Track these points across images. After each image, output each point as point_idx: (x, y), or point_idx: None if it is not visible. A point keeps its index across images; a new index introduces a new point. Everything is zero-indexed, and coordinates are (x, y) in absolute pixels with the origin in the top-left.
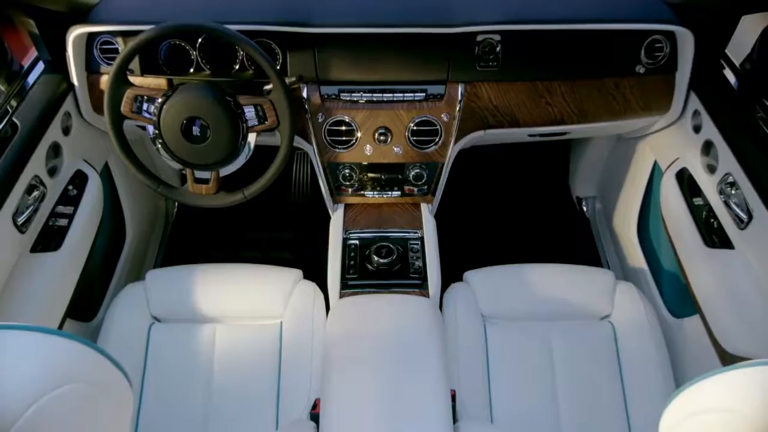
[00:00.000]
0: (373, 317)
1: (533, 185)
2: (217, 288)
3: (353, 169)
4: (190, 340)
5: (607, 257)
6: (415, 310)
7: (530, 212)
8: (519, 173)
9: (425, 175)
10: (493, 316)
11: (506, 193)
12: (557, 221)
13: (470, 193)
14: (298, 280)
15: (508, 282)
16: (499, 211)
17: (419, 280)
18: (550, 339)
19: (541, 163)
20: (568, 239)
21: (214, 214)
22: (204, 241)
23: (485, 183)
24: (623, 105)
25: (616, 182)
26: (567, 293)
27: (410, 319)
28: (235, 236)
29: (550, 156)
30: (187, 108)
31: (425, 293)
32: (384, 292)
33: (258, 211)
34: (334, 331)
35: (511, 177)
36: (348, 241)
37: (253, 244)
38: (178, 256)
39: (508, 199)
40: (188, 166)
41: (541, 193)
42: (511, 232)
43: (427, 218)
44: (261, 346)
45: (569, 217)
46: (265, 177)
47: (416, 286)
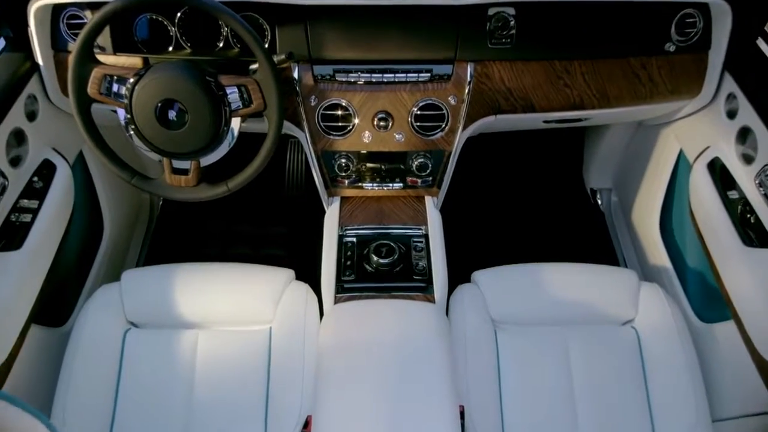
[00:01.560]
0: (372, 326)
1: (544, 176)
2: (200, 290)
3: (350, 158)
4: (169, 347)
5: (624, 255)
6: (420, 318)
7: (541, 205)
8: (528, 163)
9: (430, 165)
10: (504, 320)
11: (515, 184)
12: (569, 215)
13: (476, 185)
14: (289, 281)
15: (520, 283)
16: (508, 204)
17: (423, 283)
18: (567, 346)
19: (552, 152)
20: (580, 234)
21: (202, 208)
22: (191, 237)
23: (491, 173)
24: (649, 88)
25: (636, 173)
26: (586, 295)
27: (414, 329)
28: (224, 231)
29: (562, 144)
30: (162, 89)
31: (430, 297)
32: (384, 297)
33: (249, 204)
34: (328, 341)
35: (519, 167)
36: (344, 238)
37: (243, 240)
38: (162, 253)
39: (516, 191)
40: (165, 155)
41: (553, 184)
42: (521, 227)
43: (432, 213)
44: (248, 355)
45: (582, 210)
46: (250, 168)
47: (420, 289)
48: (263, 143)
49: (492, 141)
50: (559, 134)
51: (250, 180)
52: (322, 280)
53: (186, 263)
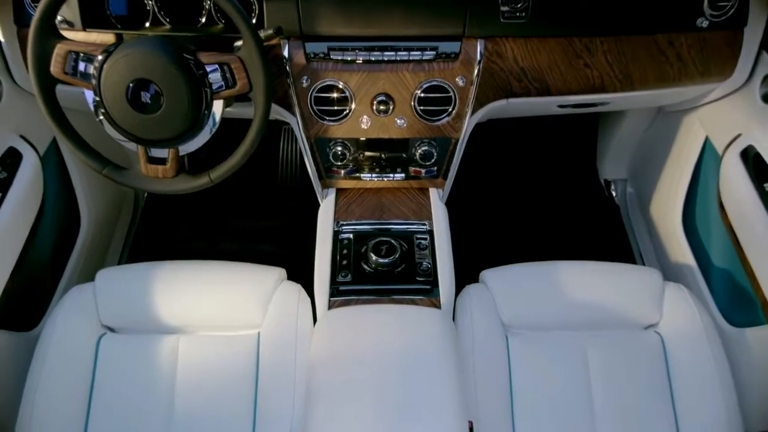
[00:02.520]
0: (370, 335)
1: (555, 166)
2: (182, 291)
3: (346, 146)
4: (147, 354)
5: (641, 251)
6: (424, 326)
7: (552, 198)
8: (537, 152)
9: (435, 154)
10: (515, 325)
11: (523, 174)
12: (581, 208)
13: (480, 175)
14: (279, 281)
15: (533, 283)
16: (516, 196)
17: (428, 285)
18: (585, 353)
19: (563, 140)
20: (593, 229)
21: (190, 201)
22: (178, 232)
23: (497, 163)
24: (678, 68)
25: (654, 163)
26: (605, 297)
27: (417, 339)
28: (214, 225)
29: (573, 132)
30: (133, 68)
31: (435, 302)
32: (384, 301)
33: (240, 197)
34: (320, 353)
35: (527, 156)
36: (340, 234)
37: (233, 235)
38: (146, 250)
39: (525, 181)
40: (139, 143)
41: (564, 175)
42: (530, 221)
43: (437, 206)
44: (233, 363)
45: (595, 203)
46: (234, 157)
47: (424, 292)
48: (249, 129)
49: (498, 128)
50: (570, 121)
51: (235, 170)
52: (315, 281)
53: (167, 261)
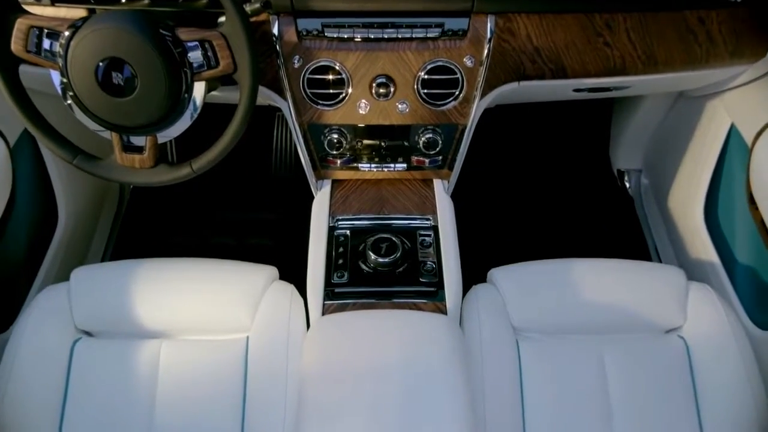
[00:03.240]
0: (368, 346)
1: (565, 156)
2: (164, 291)
3: (343, 133)
4: (126, 360)
5: (656, 246)
6: (429, 335)
7: (562, 189)
8: (547, 140)
9: (440, 142)
10: (527, 328)
11: (531, 165)
12: (593, 200)
13: (487, 165)
14: (271, 280)
15: (545, 283)
16: (524, 188)
17: (433, 287)
18: (602, 360)
19: (574, 127)
20: (605, 222)
21: (179, 192)
22: (166, 226)
23: (504, 152)
24: (706, 48)
25: (673, 152)
26: (624, 298)
27: (421, 351)
28: (204, 218)
29: (585, 119)
30: (103, 45)
31: (441, 306)
32: (384, 305)
33: (232, 187)
34: (313, 365)
35: (536, 145)
36: (335, 231)
37: (225, 228)
38: (132, 245)
39: (534, 172)
40: (112, 129)
41: (575, 165)
42: (538, 214)
43: (442, 199)
44: (220, 370)
45: (608, 195)
46: (218, 145)
47: (429, 295)
48: (234, 115)
49: (504, 114)
50: (582, 107)
51: (219, 160)
52: (308, 283)
53: (148, 259)
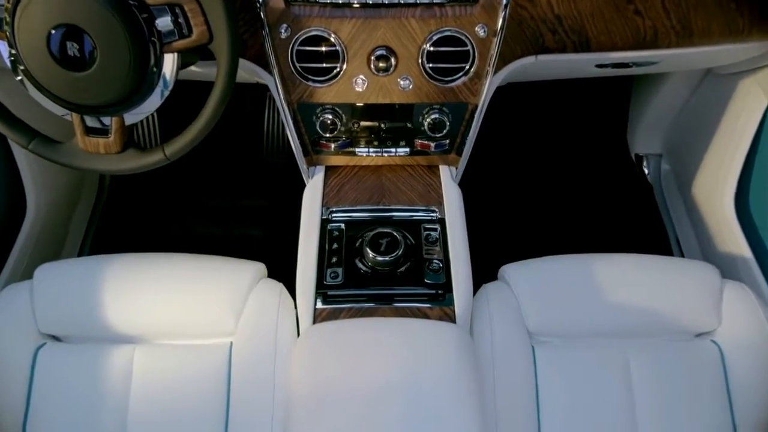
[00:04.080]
0: (366, 362)
1: (579, 139)
2: (138, 291)
3: (337, 113)
4: (95, 368)
5: (679, 239)
6: (437, 350)
7: (577, 177)
8: (559, 121)
9: (447, 124)
10: (543, 332)
11: (543, 149)
12: (609, 187)
13: (495, 149)
14: (257, 278)
15: (563, 281)
16: (535, 174)
17: (439, 289)
18: (627, 366)
19: (589, 108)
20: (622, 212)
21: (163, 178)
22: (150, 216)
23: (513, 135)
24: (748, 18)
25: (698, 135)
26: (651, 298)
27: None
28: (190, 206)
29: (600, 98)
30: (54, 10)
31: (449, 311)
32: (383, 310)
33: (221, 173)
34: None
35: (548, 127)
36: (329, 224)
37: (213, 217)
38: (113, 238)
39: (546, 157)
40: (72, 109)
41: (590, 149)
42: (552, 203)
43: (450, 188)
44: (200, 380)
45: (625, 181)
46: (194, 128)
47: (435, 298)
48: (211, 92)
49: (512, 93)
50: (597, 86)
51: (195, 144)
52: (298, 285)
53: (121, 254)
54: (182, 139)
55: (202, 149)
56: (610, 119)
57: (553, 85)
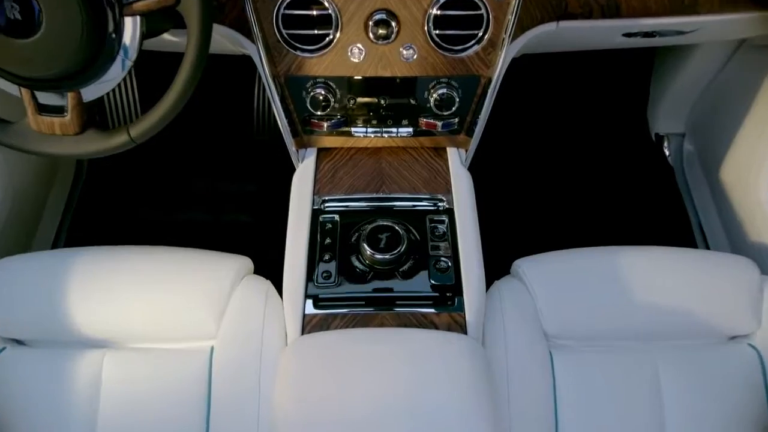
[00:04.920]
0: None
1: (594, 116)
2: (109, 288)
3: (330, 88)
4: (60, 376)
5: (702, 226)
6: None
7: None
8: (573, 97)
9: (457, 100)
10: (562, 335)
11: (556, 128)
12: (627, 170)
13: (505, 129)
14: (242, 274)
15: (584, 277)
16: (548, 157)
17: (448, 292)
18: (656, 373)
19: (605, 83)
20: (639, 196)
21: (147, 160)
22: (131, 199)
23: (524, 113)
24: None
25: (728, 114)
26: (682, 296)
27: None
28: (176, 190)
29: (618, 71)
30: None
31: (459, 318)
32: (383, 315)
33: (207, 153)
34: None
35: (561, 105)
36: (321, 215)
37: (198, 201)
38: (91, 227)
39: (559, 137)
40: (18, 83)
41: (607, 127)
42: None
43: (459, 174)
44: (178, 389)
45: (644, 163)
46: (162, 105)
47: (442, 303)
48: (181, 64)
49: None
50: (616, 58)
51: (164, 124)
52: (285, 287)
53: (91, 248)
54: (149, 118)
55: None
56: (629, 95)
57: (568, 58)
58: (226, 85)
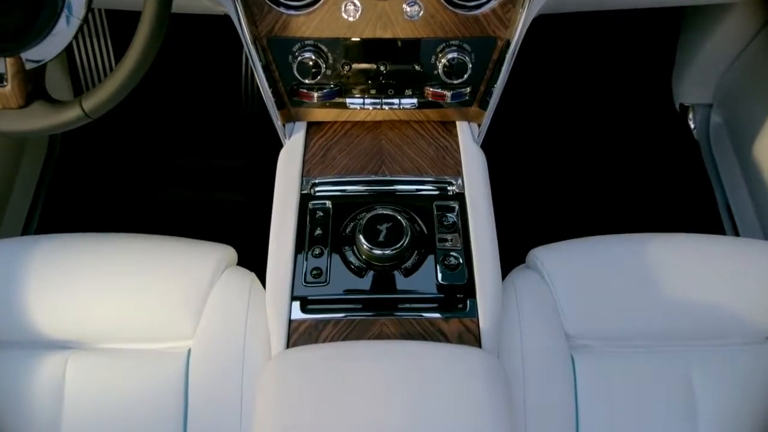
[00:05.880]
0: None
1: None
2: (74, 282)
3: (321, 52)
4: (20, 381)
5: (731, 208)
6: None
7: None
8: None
9: (469, 66)
10: (585, 334)
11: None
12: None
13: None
14: (224, 266)
15: (609, 270)
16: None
17: (459, 293)
18: (689, 378)
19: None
20: (660, 172)
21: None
22: (111, 176)
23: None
24: None
25: (764, 82)
26: (717, 290)
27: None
28: (159, 166)
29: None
30: None
31: (472, 325)
32: (383, 321)
33: (193, 126)
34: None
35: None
36: (311, 202)
37: (183, 178)
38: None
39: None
40: None
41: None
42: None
43: (471, 153)
44: (151, 396)
45: (667, 136)
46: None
47: (452, 306)
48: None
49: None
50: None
51: (122, 95)
52: (268, 286)
53: (54, 235)
54: (104, 89)
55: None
56: (653, 62)
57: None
58: (210, 51)
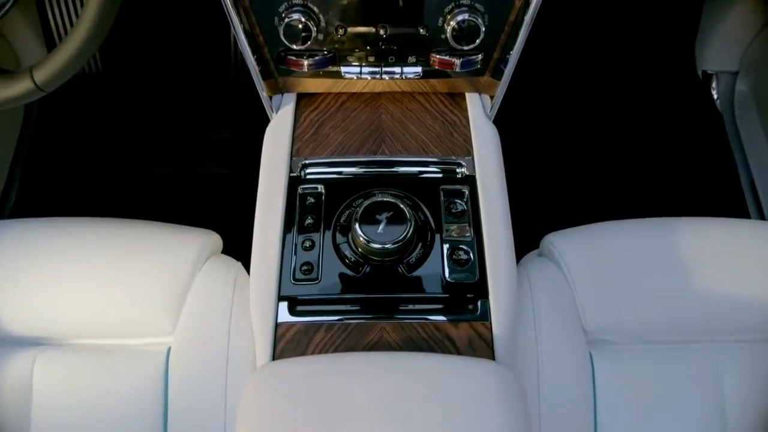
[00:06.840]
0: None
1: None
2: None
3: (311, 12)
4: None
5: (756, 185)
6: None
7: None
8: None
9: (482, 29)
10: (605, 330)
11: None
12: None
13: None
14: (207, 255)
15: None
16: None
17: (469, 293)
18: (719, 378)
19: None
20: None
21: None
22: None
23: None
24: None
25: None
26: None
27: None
28: (142, 139)
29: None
30: None
31: (484, 330)
32: (382, 325)
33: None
34: None
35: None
36: (300, 186)
37: (169, 152)
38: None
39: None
40: None
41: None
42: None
43: (483, 129)
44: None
45: (688, 105)
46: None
47: (461, 308)
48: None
49: None
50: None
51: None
52: (252, 285)
53: (22, 220)
54: (57, 57)
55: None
56: (675, 27)
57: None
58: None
